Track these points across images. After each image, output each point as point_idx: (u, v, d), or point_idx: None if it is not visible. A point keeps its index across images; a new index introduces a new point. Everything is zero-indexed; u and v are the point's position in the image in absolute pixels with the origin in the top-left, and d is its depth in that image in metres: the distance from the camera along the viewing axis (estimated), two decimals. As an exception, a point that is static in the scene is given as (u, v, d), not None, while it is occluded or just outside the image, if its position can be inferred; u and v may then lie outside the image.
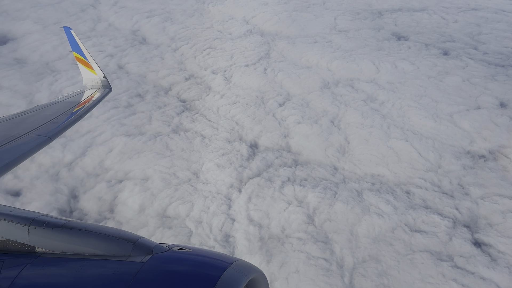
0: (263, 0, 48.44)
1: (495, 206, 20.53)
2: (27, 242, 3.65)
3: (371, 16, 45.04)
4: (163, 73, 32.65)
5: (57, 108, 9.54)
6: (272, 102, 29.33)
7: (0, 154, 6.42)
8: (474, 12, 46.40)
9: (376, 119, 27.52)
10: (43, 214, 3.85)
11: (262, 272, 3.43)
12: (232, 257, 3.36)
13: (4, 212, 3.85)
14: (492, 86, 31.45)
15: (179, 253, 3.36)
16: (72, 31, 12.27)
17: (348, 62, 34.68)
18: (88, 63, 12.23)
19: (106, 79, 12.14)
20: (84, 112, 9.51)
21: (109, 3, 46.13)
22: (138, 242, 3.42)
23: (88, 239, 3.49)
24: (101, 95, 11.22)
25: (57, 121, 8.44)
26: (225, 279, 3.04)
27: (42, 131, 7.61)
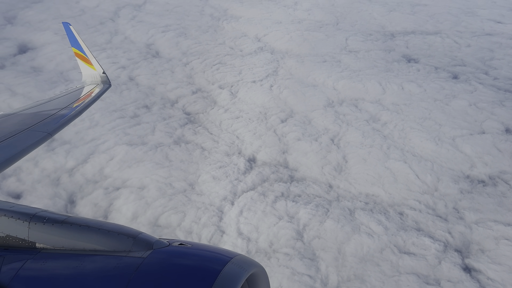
0: (277, 19, 49.29)
1: (489, 232, 20.19)
2: (27, 237, 3.64)
3: (383, 37, 45.28)
4: (172, 86, 33.49)
5: (57, 104, 9.66)
6: (274, 118, 29.69)
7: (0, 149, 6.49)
8: (489, 37, 46.11)
9: (377, 139, 27.52)
10: (43, 210, 3.86)
11: (262, 267, 3.45)
12: (233, 252, 3.38)
13: (4, 208, 3.85)
14: (499, 111, 31.10)
15: (179, 248, 3.38)
16: (71, 26, 12.47)
17: (355, 82, 34.87)
18: (88, 58, 12.44)
19: (105, 74, 12.28)
20: (84, 107, 9.64)
21: (128, 17, 47.72)
22: (139, 237, 3.44)
23: (88, 235, 3.50)
24: (100, 91, 11.44)
25: (57, 116, 8.60)
26: (225, 274, 3.05)
27: (42, 127, 7.75)
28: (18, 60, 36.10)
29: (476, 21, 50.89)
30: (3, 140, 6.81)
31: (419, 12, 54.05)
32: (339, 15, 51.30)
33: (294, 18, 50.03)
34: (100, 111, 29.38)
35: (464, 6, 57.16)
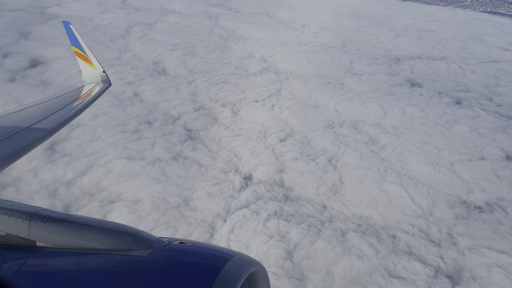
0: (284, 40, 50.07)
1: (482, 259, 19.88)
2: (28, 236, 3.63)
3: (388, 61, 45.61)
4: (175, 103, 34.06)
5: (57, 103, 9.66)
6: (273, 137, 29.92)
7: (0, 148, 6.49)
8: (495, 64, 46.14)
9: (374, 161, 27.50)
10: (44, 209, 3.85)
11: (263, 266, 3.44)
12: (233, 250, 3.38)
13: (4, 207, 3.85)
14: (500, 138, 30.93)
15: (179, 247, 3.38)
16: (71, 25, 12.61)
17: (356, 105, 35.08)
18: (88, 58, 12.47)
19: (105, 73, 12.28)
20: (84, 106, 9.68)
21: (138, 35, 48.94)
22: (139, 236, 3.44)
23: (88, 233, 3.50)
24: (100, 90, 11.45)
25: (57, 115, 8.59)
26: (225, 273, 3.05)
27: (41, 126, 7.77)
28: (29, 74, 37.16)
29: (483, 48, 51.05)
30: (3, 139, 6.82)
31: (426, 37, 54.43)
32: (346, 39, 51.91)
33: (301, 40, 50.76)
34: (103, 125, 29.98)
35: (472, 32, 57.44)
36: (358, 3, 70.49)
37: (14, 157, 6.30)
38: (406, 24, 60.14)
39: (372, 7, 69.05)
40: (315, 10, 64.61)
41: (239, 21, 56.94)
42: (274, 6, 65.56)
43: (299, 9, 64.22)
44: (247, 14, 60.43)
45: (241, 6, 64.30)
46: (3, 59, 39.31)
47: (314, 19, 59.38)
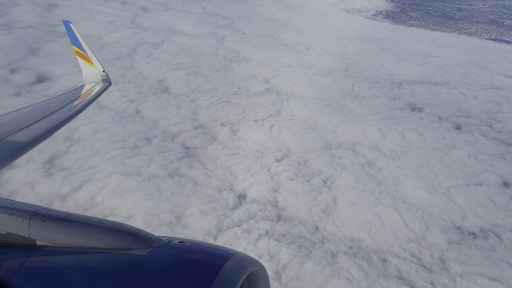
0: (287, 63, 50.73)
1: (473, 286, 19.61)
2: (28, 235, 3.63)
3: (390, 85, 45.92)
4: (175, 121, 34.49)
5: (57, 102, 9.75)
6: (270, 157, 30.09)
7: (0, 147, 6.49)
8: (497, 90, 46.23)
9: (369, 184, 27.47)
10: (44, 208, 3.88)
11: (262, 265, 3.46)
12: (233, 249, 3.39)
13: (4, 205, 3.85)
14: (498, 164, 30.78)
15: (179, 246, 3.40)
16: (72, 24, 12.64)
17: (355, 127, 35.23)
18: (88, 57, 12.52)
19: (105, 73, 12.36)
20: (84, 106, 9.79)
21: (144, 54, 49.92)
22: (139, 235, 3.45)
23: (88, 232, 3.50)
24: (100, 89, 11.54)
25: (57, 114, 8.64)
26: (225, 272, 3.05)
27: (41, 125, 7.79)
28: (34, 89, 37.98)
29: (485, 74, 51.22)
30: (3, 138, 6.84)
31: (429, 63, 54.80)
32: (349, 62, 52.46)
33: (304, 63, 51.40)
34: (103, 141, 30.42)
35: (475, 59, 57.74)
36: (363, 28, 71.39)
37: (14, 156, 6.32)
38: (410, 49, 60.66)
39: (377, 32, 69.86)
40: (320, 33, 65.52)
41: (244, 42, 57.88)
42: (280, 29, 66.60)
43: (304, 33, 65.16)
44: (252, 36, 61.45)
45: (248, 28, 65.42)
46: (11, 74, 40.28)
47: (318, 42, 60.18)
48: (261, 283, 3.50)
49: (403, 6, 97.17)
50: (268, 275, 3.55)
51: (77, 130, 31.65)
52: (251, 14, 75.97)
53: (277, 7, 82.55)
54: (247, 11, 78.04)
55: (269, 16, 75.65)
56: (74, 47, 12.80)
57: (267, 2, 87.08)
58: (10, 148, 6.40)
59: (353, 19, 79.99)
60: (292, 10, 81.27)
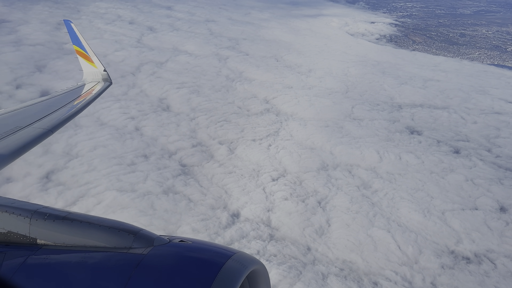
0: (289, 83, 51.28)
1: (464, 312, 19.29)
2: (28, 234, 3.63)
3: (389, 108, 46.15)
4: (173, 138, 34.82)
5: (58, 101, 9.76)
6: (266, 176, 30.17)
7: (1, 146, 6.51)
8: (497, 115, 46.26)
9: (364, 205, 27.39)
10: (45, 207, 3.87)
11: (263, 264, 3.44)
12: (233, 249, 3.39)
13: (5, 204, 3.86)
14: (496, 189, 30.59)
15: (180, 245, 3.39)
16: (72, 24, 12.77)
17: (353, 149, 35.32)
18: (88, 56, 12.64)
19: (106, 72, 12.42)
20: (85, 105, 9.80)
21: (148, 73, 50.76)
22: (139, 234, 3.44)
23: (89, 231, 3.50)
24: (101, 89, 11.56)
25: (58, 114, 8.66)
26: (226, 271, 3.05)
27: (42, 124, 7.84)
28: (37, 104, 38.60)
29: (486, 99, 51.35)
30: (4, 137, 6.84)
31: (430, 87, 55.11)
32: (350, 84, 52.91)
33: (306, 84, 51.92)
34: (100, 157, 30.73)
35: (476, 84, 58.00)
36: (366, 51, 72.21)
37: (15, 155, 6.34)
38: (411, 73, 61.11)
39: (379, 55, 70.59)
40: (323, 56, 66.34)
41: (247, 63, 58.72)
42: (283, 50, 67.57)
43: (307, 55, 66.01)
44: (256, 57, 62.34)
45: (251, 50, 66.43)
46: (15, 90, 41.08)
47: (320, 64, 60.89)
48: (262, 282, 3.49)
49: (406, 31, 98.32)
50: (268, 275, 3.50)
51: (76, 146, 32.04)
52: (256, 36, 77.24)
53: (281, 30, 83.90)
54: (252, 33, 79.38)
55: (273, 38, 76.86)
56: (75, 47, 12.92)
57: (272, 25, 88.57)
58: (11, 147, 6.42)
59: (356, 42, 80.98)
60: (296, 33, 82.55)
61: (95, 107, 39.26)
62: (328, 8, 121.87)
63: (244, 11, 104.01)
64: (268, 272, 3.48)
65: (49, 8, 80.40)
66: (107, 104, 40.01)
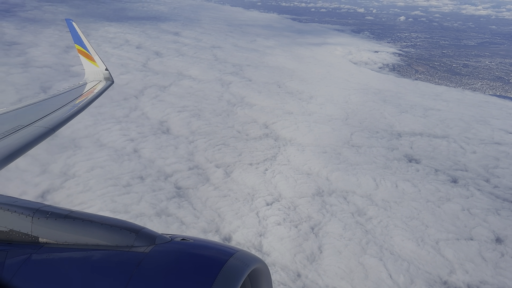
0: (289, 109, 51.78)
1: None
2: (30, 232, 3.63)
3: (389, 136, 46.28)
4: (171, 161, 35.09)
5: (59, 100, 9.80)
6: (260, 200, 30.17)
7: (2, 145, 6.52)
8: (497, 146, 46.17)
9: (357, 233, 27.19)
10: (47, 205, 3.87)
11: (264, 262, 3.44)
12: (235, 247, 3.41)
13: (7, 203, 3.87)
14: (492, 219, 30.29)
15: (181, 244, 3.39)
16: (74, 23, 12.96)
17: (349, 175, 35.31)
18: (90, 55, 12.81)
19: (108, 71, 12.50)
20: (86, 104, 9.83)
21: (151, 96, 51.62)
22: (141, 232, 3.45)
23: (91, 230, 3.50)
24: (103, 88, 11.60)
25: (59, 112, 8.66)
26: (227, 269, 3.05)
27: (44, 123, 7.82)
28: (39, 124, 39.24)
29: (486, 129, 51.39)
30: (6, 136, 6.86)
31: (430, 116, 55.34)
32: (350, 112, 53.31)
33: (306, 110, 52.40)
34: (97, 178, 30.99)
35: (477, 114, 58.16)
36: (368, 80, 73.00)
37: (17, 153, 6.36)
38: (412, 101, 61.50)
39: (381, 83, 71.28)
40: (325, 83, 67.13)
41: (249, 89, 59.54)
42: (286, 77, 68.52)
43: (309, 82, 66.85)
44: (258, 83, 63.23)
45: (254, 76, 67.46)
46: (19, 109, 41.81)
47: (322, 91, 61.55)
48: (263, 281, 3.49)
49: (410, 60, 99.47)
50: (270, 273, 3.51)
51: (73, 166, 32.39)
52: (260, 62, 78.55)
53: (285, 57, 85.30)
54: (256, 59, 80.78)
55: (277, 65, 78.08)
56: (76, 46, 13.02)
57: (276, 52, 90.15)
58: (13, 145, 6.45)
59: (359, 70, 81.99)
60: (299, 60, 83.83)
61: (96, 129, 39.88)
62: (333, 37, 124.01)
63: (250, 38, 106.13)
64: (270, 271, 3.49)
65: (59, 32, 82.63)
66: (107, 126, 40.61)
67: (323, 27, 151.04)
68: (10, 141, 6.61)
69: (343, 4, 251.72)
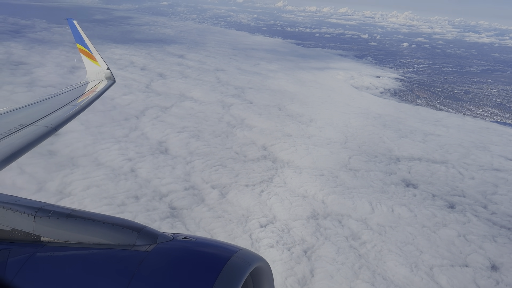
0: (288, 132, 52.08)
1: None
2: (33, 231, 3.62)
3: (387, 160, 46.28)
4: (167, 181, 35.22)
5: (61, 99, 9.81)
6: (254, 222, 30.07)
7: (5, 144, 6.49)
8: (495, 172, 46.01)
9: (350, 257, 26.95)
10: (49, 204, 3.86)
11: (266, 261, 3.46)
12: (236, 246, 3.40)
13: (10, 202, 3.88)
14: (488, 246, 29.96)
15: (183, 242, 3.40)
16: (75, 22, 13.10)
17: (345, 199, 35.22)
18: (92, 54, 12.83)
19: (109, 70, 12.49)
20: (88, 103, 9.85)
21: (151, 117, 52.20)
22: (143, 231, 3.45)
23: (93, 228, 3.49)
24: (104, 87, 11.61)
25: (61, 112, 8.66)
26: (229, 268, 3.06)
27: (46, 122, 7.82)
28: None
29: (486, 155, 51.30)
30: (8, 135, 6.84)
31: (430, 141, 55.40)
32: (349, 135, 53.49)
33: (305, 133, 52.66)
34: (92, 196, 31.15)
35: (477, 140, 58.16)
36: (368, 104, 73.47)
37: (19, 153, 6.36)
38: (412, 127, 61.69)
39: (382, 108, 71.69)
40: (326, 107, 67.62)
41: (250, 111, 60.08)
42: (287, 100, 69.16)
43: (310, 105, 67.38)
44: (259, 106, 63.82)
45: (256, 98, 68.16)
46: (20, 127, 42.37)
47: (322, 115, 61.96)
48: (265, 279, 3.48)
49: (411, 86, 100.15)
50: (272, 272, 3.52)
51: (70, 185, 32.59)
52: (262, 85, 79.45)
53: (287, 80, 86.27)
54: (258, 82, 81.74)
55: (278, 88, 78.91)
56: (78, 45, 13.11)
57: (279, 75, 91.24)
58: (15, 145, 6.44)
59: (360, 95, 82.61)
60: (301, 84, 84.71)
61: (95, 148, 40.26)
62: (336, 62, 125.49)
63: (253, 62, 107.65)
64: (271, 269, 3.50)
65: (66, 53, 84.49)
66: (106, 145, 41.00)
67: (327, 52, 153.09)
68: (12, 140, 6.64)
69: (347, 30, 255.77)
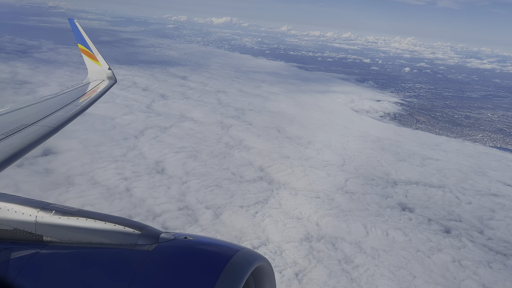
0: (286, 154, 52.24)
1: None
2: (34, 231, 3.63)
3: (384, 184, 46.22)
4: (161, 201, 35.27)
5: (63, 99, 9.79)
6: (246, 243, 29.89)
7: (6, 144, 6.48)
8: (493, 197, 45.79)
9: (342, 281, 26.69)
10: (50, 203, 3.87)
11: (268, 260, 3.46)
12: (238, 245, 3.39)
13: (11, 201, 3.90)
14: (483, 272, 29.62)
15: (185, 242, 3.40)
16: (77, 22, 13.14)
17: (340, 222, 35.07)
18: (93, 54, 12.83)
19: (111, 70, 12.49)
20: (89, 103, 9.86)
21: (150, 136, 52.59)
22: (145, 230, 3.45)
23: (95, 228, 3.50)
24: (106, 87, 11.60)
25: (63, 112, 8.66)
26: (231, 267, 3.07)
27: (48, 122, 7.78)
28: (37, 161, 39.98)
29: (484, 180, 51.17)
30: (9, 135, 6.85)
31: (428, 165, 55.38)
32: (347, 158, 53.59)
33: (303, 155, 52.81)
34: (86, 214, 31.14)
35: (476, 165, 58.08)
36: (368, 127, 73.80)
37: (20, 153, 6.37)
38: (411, 150, 61.75)
39: (381, 132, 71.96)
40: (325, 129, 67.97)
41: (249, 132, 60.46)
42: (286, 122, 69.61)
43: (309, 128, 67.76)
44: (258, 127, 64.25)
45: (255, 120, 68.65)
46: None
47: (321, 137, 62.21)
48: (267, 279, 3.48)
49: (411, 110, 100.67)
50: (273, 271, 3.52)
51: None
52: (262, 107, 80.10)
53: (287, 103, 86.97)
54: (258, 104, 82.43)
55: (279, 110, 79.51)
56: (79, 45, 13.16)
57: (279, 98, 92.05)
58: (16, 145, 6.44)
59: (359, 118, 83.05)
60: (301, 107, 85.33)
61: (92, 167, 40.50)
62: (337, 86, 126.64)
63: (255, 84, 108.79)
64: (273, 269, 3.51)
65: (70, 73, 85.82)
66: (103, 164, 41.24)
67: (328, 76, 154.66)
68: (13, 140, 6.65)
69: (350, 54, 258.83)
